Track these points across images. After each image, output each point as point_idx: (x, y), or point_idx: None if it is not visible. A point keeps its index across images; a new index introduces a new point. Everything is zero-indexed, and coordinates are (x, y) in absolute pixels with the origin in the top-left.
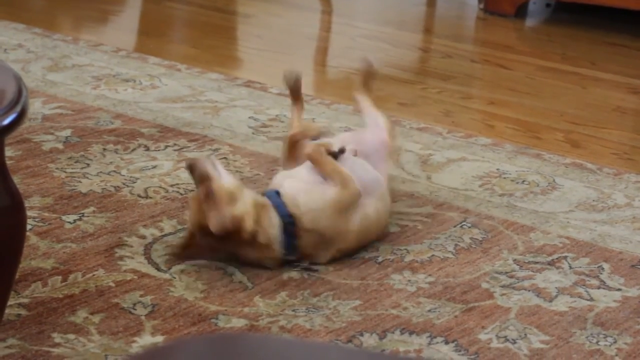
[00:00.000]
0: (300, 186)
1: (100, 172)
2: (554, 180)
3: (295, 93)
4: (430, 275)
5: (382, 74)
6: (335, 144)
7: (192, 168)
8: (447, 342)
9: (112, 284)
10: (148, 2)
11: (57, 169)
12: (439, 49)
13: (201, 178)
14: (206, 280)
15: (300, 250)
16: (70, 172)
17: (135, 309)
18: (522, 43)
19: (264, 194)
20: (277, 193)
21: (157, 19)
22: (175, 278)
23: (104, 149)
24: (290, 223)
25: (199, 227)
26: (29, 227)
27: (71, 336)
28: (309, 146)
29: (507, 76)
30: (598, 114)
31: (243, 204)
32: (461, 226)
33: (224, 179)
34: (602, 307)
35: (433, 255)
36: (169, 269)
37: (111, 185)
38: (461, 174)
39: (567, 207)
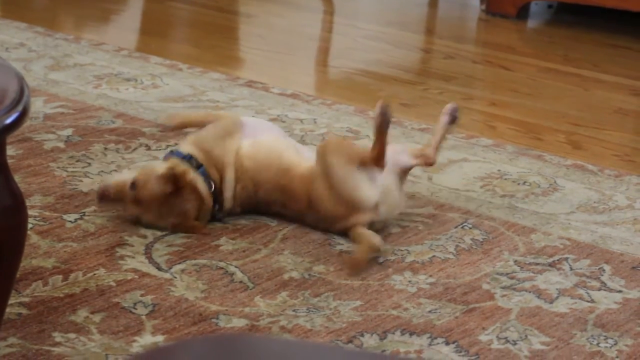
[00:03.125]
0: None
1: (102, 171)
2: (555, 182)
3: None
4: (431, 276)
5: (383, 75)
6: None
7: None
8: (447, 343)
9: (113, 284)
10: (150, 1)
11: (58, 168)
12: (440, 50)
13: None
14: (207, 280)
15: (215, 181)
16: (72, 171)
17: (135, 309)
18: (524, 44)
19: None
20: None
21: (159, 19)
22: (176, 278)
23: (105, 148)
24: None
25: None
26: (30, 226)
27: (72, 335)
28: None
29: (509, 77)
30: (599, 116)
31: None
32: (462, 227)
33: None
34: (602, 309)
35: (434, 256)
36: (170, 268)
37: None
38: (462, 175)
39: (568, 208)
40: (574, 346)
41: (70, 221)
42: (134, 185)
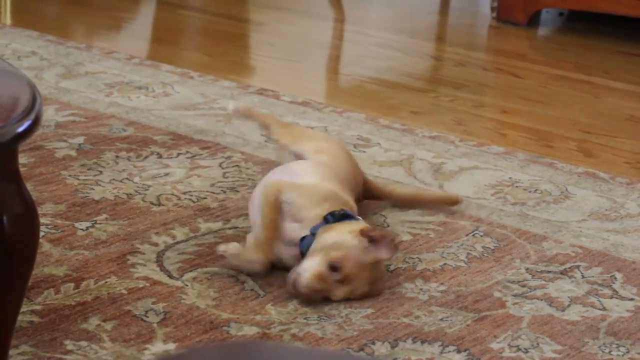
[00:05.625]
0: None
1: (113, 179)
2: (566, 189)
3: None
4: (442, 283)
5: (394, 82)
6: None
7: None
8: (459, 351)
9: (125, 291)
10: (161, 9)
11: (70, 176)
12: (451, 58)
13: None
14: (218, 288)
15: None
16: (83, 180)
17: (147, 317)
18: (535, 52)
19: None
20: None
21: (170, 27)
22: (187, 286)
23: (117, 156)
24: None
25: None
26: (41, 234)
27: (83, 343)
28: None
29: (520, 85)
30: (611, 123)
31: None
32: (473, 235)
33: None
34: (614, 317)
35: (445, 263)
36: (181, 276)
37: (124, 193)
38: (473, 183)
39: (579, 216)
40: (585, 354)
41: (81, 229)
42: (335, 267)
